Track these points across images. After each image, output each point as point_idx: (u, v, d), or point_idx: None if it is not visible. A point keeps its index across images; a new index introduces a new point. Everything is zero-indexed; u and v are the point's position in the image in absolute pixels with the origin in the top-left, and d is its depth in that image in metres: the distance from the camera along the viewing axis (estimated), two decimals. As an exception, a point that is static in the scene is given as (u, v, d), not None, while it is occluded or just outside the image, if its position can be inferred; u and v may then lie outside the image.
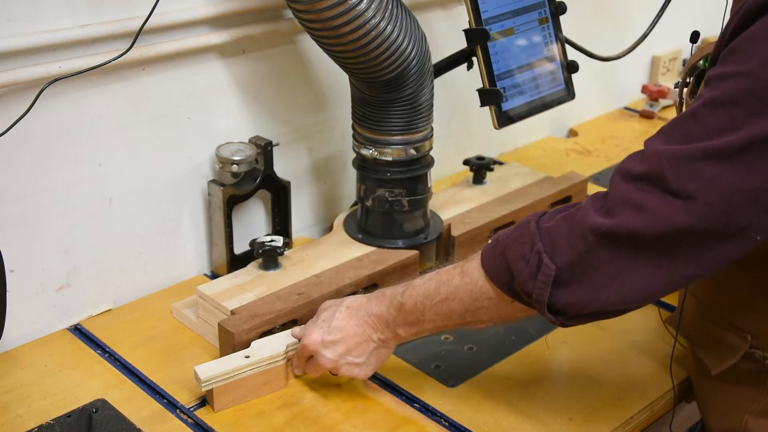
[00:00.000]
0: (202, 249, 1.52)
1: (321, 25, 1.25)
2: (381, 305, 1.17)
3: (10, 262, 1.25)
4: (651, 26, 1.58)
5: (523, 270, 1.02)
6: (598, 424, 1.20)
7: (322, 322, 1.20)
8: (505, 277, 1.05)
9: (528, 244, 1.02)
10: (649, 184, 0.95)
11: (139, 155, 1.39)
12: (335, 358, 1.18)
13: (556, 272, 0.99)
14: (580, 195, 1.70)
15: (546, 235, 1.02)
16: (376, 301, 1.18)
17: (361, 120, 1.42)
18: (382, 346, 1.18)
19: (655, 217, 0.93)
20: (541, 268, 1.00)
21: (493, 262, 1.07)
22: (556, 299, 1.01)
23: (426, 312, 1.13)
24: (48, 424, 1.16)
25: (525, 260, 1.02)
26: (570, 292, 1.00)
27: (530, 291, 1.02)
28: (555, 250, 1.00)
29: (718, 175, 0.90)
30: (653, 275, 0.96)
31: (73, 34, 1.25)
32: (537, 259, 1.01)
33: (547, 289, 1.00)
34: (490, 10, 1.44)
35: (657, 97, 2.20)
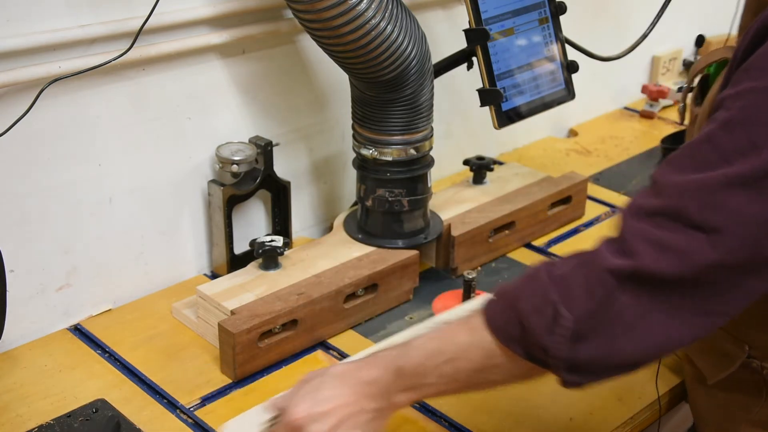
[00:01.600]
0: (202, 249, 1.52)
1: (321, 25, 1.25)
2: (375, 370, 1.00)
3: (10, 262, 1.25)
4: (651, 26, 1.58)
5: (537, 324, 0.90)
6: (598, 424, 1.19)
7: (306, 393, 1.01)
8: (516, 332, 0.93)
9: (540, 294, 0.91)
10: (668, 220, 0.87)
11: (139, 155, 1.39)
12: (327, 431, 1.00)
13: (574, 323, 0.89)
14: (580, 195, 1.70)
15: (560, 284, 0.91)
16: (367, 367, 1.02)
17: (361, 120, 1.42)
18: (377, 416, 1.01)
19: (679, 255, 0.85)
20: (557, 320, 0.89)
21: (501, 318, 0.94)
22: (576, 354, 0.90)
23: (428, 375, 0.98)
24: (48, 424, 1.16)
25: (539, 313, 0.91)
26: (591, 346, 0.90)
27: (547, 346, 0.90)
28: (572, 300, 0.90)
29: (743, 204, 0.83)
30: (676, 319, 0.88)
31: (73, 34, 1.25)
32: (552, 310, 0.90)
33: (567, 344, 0.89)
34: (490, 10, 1.44)
35: (657, 97, 2.20)
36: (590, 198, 1.76)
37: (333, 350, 1.34)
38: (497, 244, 1.58)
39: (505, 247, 1.60)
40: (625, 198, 1.80)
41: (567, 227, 1.69)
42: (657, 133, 2.09)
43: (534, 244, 1.63)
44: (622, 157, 1.99)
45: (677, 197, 0.87)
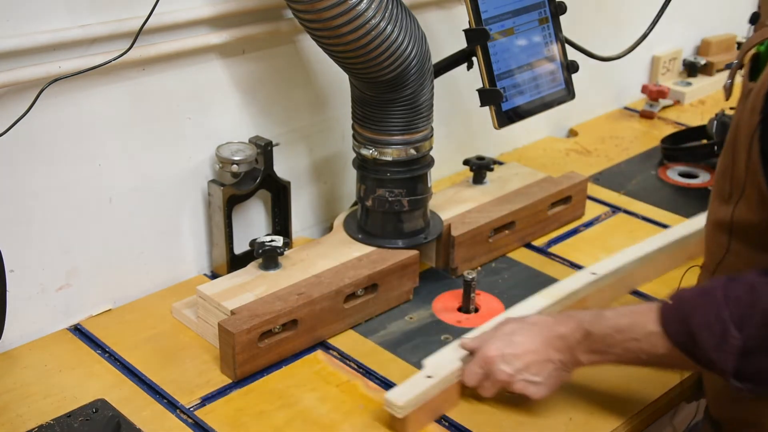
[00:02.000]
0: (202, 249, 1.52)
1: (321, 25, 1.25)
2: (567, 327, 1.14)
3: (10, 262, 1.25)
4: (651, 26, 1.58)
5: (707, 339, 1.00)
6: (598, 424, 1.19)
7: (503, 335, 1.17)
8: (688, 343, 1.03)
9: (713, 312, 1.00)
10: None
11: (140, 155, 1.39)
12: (512, 372, 1.15)
13: (742, 343, 0.97)
14: (580, 195, 1.70)
15: (734, 304, 0.99)
16: (561, 322, 1.15)
17: (361, 120, 1.42)
18: (561, 368, 1.16)
19: None
20: (727, 339, 0.98)
21: (674, 327, 1.04)
22: (744, 367, 0.98)
23: (615, 346, 1.10)
24: (48, 424, 1.16)
25: (709, 330, 0.99)
26: (760, 360, 0.98)
27: (714, 361, 1.00)
28: (743, 321, 0.98)
29: None
30: None
31: (73, 34, 1.25)
32: (722, 328, 0.98)
33: (732, 359, 0.98)
34: (490, 10, 1.44)
35: (657, 97, 2.20)
36: (590, 198, 1.76)
37: (333, 350, 1.34)
38: (497, 244, 1.58)
39: (505, 247, 1.60)
40: (625, 198, 1.80)
41: (567, 227, 1.69)
42: (657, 133, 2.09)
43: (534, 244, 1.63)
44: (622, 157, 1.99)
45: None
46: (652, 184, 1.86)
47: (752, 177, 1.04)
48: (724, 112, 1.89)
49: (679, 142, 1.99)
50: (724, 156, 1.15)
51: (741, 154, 1.07)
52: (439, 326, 1.40)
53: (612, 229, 1.68)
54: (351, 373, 1.29)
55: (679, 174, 1.90)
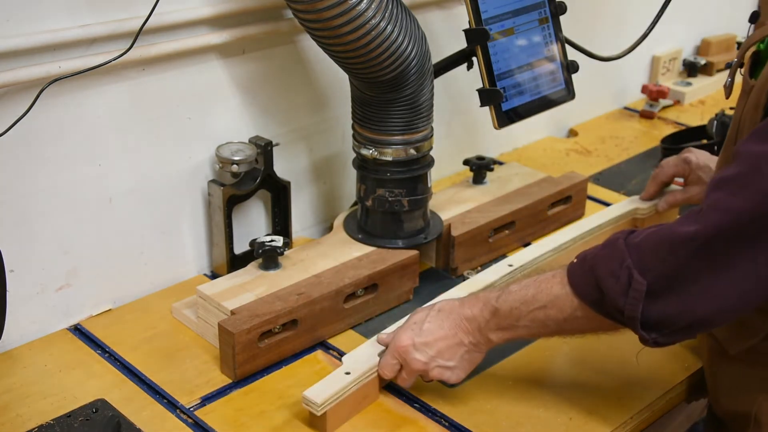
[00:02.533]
0: (202, 249, 1.52)
1: (321, 25, 1.25)
2: (474, 308, 1.16)
3: (10, 262, 1.25)
4: (651, 26, 1.58)
5: (612, 287, 1.02)
6: (598, 424, 1.19)
7: (413, 324, 1.19)
8: (595, 294, 1.05)
9: (617, 260, 1.02)
10: (739, 186, 0.95)
11: (139, 155, 1.39)
12: (426, 361, 1.17)
13: (647, 287, 0.99)
14: (580, 195, 1.70)
15: (635, 250, 1.01)
16: (468, 304, 1.17)
17: (361, 120, 1.42)
18: (473, 350, 1.17)
19: (740, 212, 0.94)
20: (632, 284, 1.00)
21: (580, 280, 1.06)
22: (650, 314, 1.01)
23: (521, 318, 1.12)
24: (48, 424, 1.16)
25: (614, 277, 1.02)
26: (664, 305, 1.00)
27: (621, 308, 1.01)
28: (645, 265, 1.00)
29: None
30: (748, 274, 0.96)
31: (73, 34, 1.25)
32: (627, 274, 1.00)
33: (639, 305, 1.00)
34: (490, 10, 1.44)
35: (657, 97, 2.20)
36: (590, 198, 1.76)
37: (333, 350, 1.34)
38: (497, 244, 1.58)
39: (505, 247, 1.60)
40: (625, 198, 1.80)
41: (567, 227, 1.69)
42: (657, 133, 2.09)
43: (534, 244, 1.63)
44: (622, 157, 1.99)
45: (754, 162, 0.93)
46: (652, 184, 1.86)
47: None
48: (724, 112, 1.89)
49: (679, 142, 1.98)
50: (724, 152, 1.15)
51: None
52: (439, 326, 1.39)
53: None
54: (351, 373, 1.29)
55: (679, 174, 1.90)
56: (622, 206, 1.62)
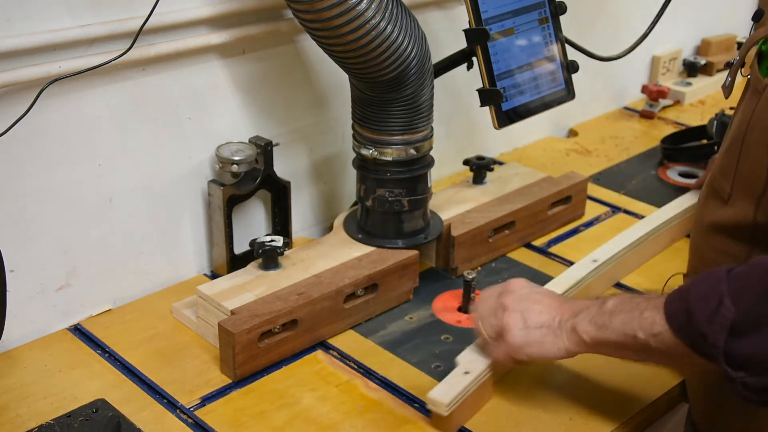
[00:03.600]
0: (202, 249, 1.52)
1: (321, 25, 1.25)
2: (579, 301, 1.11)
3: (10, 262, 1.25)
4: (651, 26, 1.58)
5: (701, 311, 0.94)
6: (598, 424, 1.20)
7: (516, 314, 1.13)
8: (683, 317, 0.97)
9: (712, 284, 0.94)
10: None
11: (139, 155, 1.39)
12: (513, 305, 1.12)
13: (735, 316, 0.91)
14: (580, 195, 1.70)
15: (734, 278, 0.94)
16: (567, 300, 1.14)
17: (361, 120, 1.42)
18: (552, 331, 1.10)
19: None
20: (720, 310, 0.92)
21: (674, 306, 0.99)
22: (735, 349, 0.92)
23: (615, 318, 1.05)
24: (48, 424, 1.16)
25: (705, 300, 0.94)
26: (752, 342, 0.91)
27: (706, 333, 0.93)
28: (739, 294, 0.92)
29: None
30: None
31: (73, 34, 1.25)
32: (718, 299, 0.92)
33: (724, 334, 0.91)
34: (490, 10, 1.44)
35: (657, 97, 2.20)
36: (590, 198, 1.76)
37: (333, 350, 1.34)
38: (497, 244, 1.58)
39: (505, 247, 1.60)
40: (625, 198, 1.80)
41: (567, 227, 1.69)
42: (657, 133, 2.09)
43: (534, 244, 1.63)
44: (622, 157, 1.99)
45: None
46: (652, 184, 1.86)
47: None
48: (724, 112, 1.89)
49: (679, 142, 1.99)
50: (725, 156, 1.13)
51: (753, 153, 1.05)
52: (439, 326, 1.40)
53: (612, 229, 1.68)
54: (351, 373, 1.29)
55: (679, 174, 1.90)
56: (690, 198, 1.66)
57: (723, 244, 1.12)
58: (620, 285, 1.51)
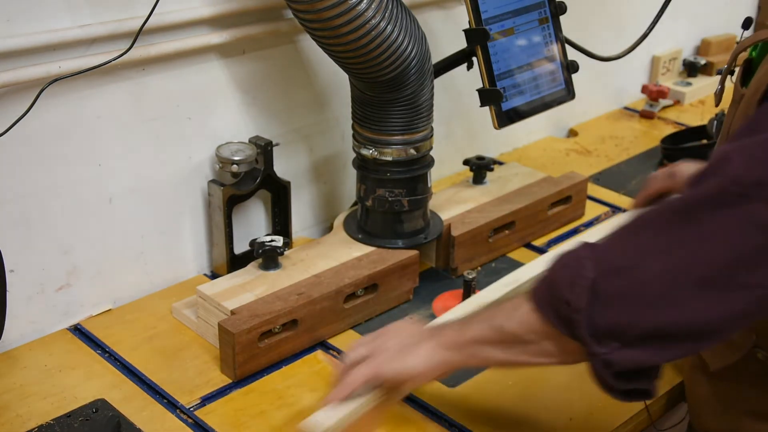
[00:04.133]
0: (202, 249, 1.52)
1: (321, 25, 1.25)
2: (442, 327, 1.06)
3: (10, 262, 1.25)
4: (651, 26, 1.58)
5: (562, 277, 0.91)
6: (598, 424, 1.20)
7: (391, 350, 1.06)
8: (546, 292, 0.94)
9: (573, 255, 0.92)
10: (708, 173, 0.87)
11: (139, 155, 1.39)
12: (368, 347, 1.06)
13: (595, 275, 0.88)
14: (580, 195, 1.71)
15: (594, 246, 0.92)
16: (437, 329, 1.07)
17: (361, 120, 1.42)
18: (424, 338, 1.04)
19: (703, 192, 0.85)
20: (580, 272, 0.89)
21: (540, 289, 0.95)
22: (598, 316, 0.88)
23: (476, 317, 1.02)
24: (48, 424, 1.16)
25: (566, 267, 0.91)
26: (618, 310, 0.87)
27: (567, 298, 0.89)
28: (601, 257, 0.90)
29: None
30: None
31: (73, 34, 1.25)
32: (578, 264, 0.90)
33: (585, 294, 0.88)
34: (490, 10, 1.44)
35: (657, 97, 2.20)
36: (590, 198, 1.76)
37: (333, 350, 1.34)
38: (497, 244, 1.58)
39: (505, 247, 1.60)
40: (625, 198, 1.80)
41: (567, 227, 1.69)
42: (657, 133, 2.09)
43: (534, 244, 1.63)
44: (622, 157, 1.99)
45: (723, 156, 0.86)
46: (652, 184, 1.86)
47: None
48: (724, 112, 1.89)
49: (679, 142, 1.99)
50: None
51: None
52: (439, 326, 1.40)
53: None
54: (351, 373, 1.29)
55: (679, 174, 1.90)
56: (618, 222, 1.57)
57: None
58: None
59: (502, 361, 1.00)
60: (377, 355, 1.05)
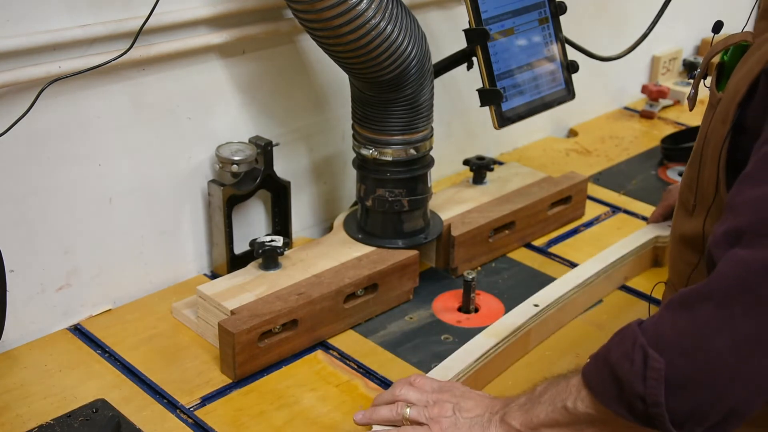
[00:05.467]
0: (202, 249, 1.52)
1: (321, 25, 1.25)
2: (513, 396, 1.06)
3: (10, 262, 1.25)
4: (651, 26, 1.58)
5: (629, 371, 0.87)
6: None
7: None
8: (613, 388, 0.90)
9: (629, 341, 0.88)
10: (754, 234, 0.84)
11: (139, 155, 1.39)
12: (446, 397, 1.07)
13: (667, 366, 0.85)
14: (580, 195, 1.71)
15: (649, 328, 0.88)
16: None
17: (361, 120, 1.42)
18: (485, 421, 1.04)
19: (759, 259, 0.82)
20: (648, 363, 0.86)
21: (597, 377, 0.92)
22: (677, 408, 0.85)
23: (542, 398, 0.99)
24: (48, 424, 1.16)
25: (629, 359, 0.87)
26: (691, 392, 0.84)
27: (643, 395, 0.86)
28: (661, 340, 0.86)
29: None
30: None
31: (73, 34, 1.25)
32: (642, 354, 0.86)
33: (661, 388, 0.85)
34: (490, 10, 1.44)
35: (657, 97, 2.20)
36: (590, 198, 1.76)
37: (333, 350, 1.34)
38: (497, 244, 1.58)
39: (505, 247, 1.60)
40: (625, 198, 1.80)
41: (567, 227, 1.69)
42: (657, 133, 2.09)
43: (534, 244, 1.63)
44: (622, 157, 1.99)
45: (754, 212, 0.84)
46: (652, 184, 1.86)
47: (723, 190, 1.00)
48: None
49: (679, 142, 1.99)
50: (689, 168, 1.12)
51: (708, 167, 1.04)
52: (439, 326, 1.40)
53: (612, 229, 1.68)
54: (351, 373, 1.29)
55: (679, 174, 1.90)
56: (643, 234, 1.55)
57: (689, 255, 1.10)
58: (625, 287, 1.51)
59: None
60: (436, 423, 1.05)
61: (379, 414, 1.10)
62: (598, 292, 1.47)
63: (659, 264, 1.56)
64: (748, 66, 0.99)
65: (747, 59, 1.01)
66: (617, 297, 1.49)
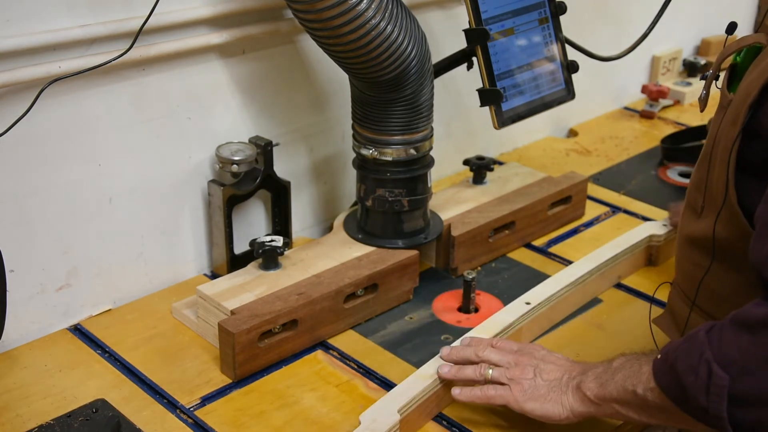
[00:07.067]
0: (202, 249, 1.52)
1: (321, 25, 1.25)
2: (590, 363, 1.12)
3: (10, 262, 1.25)
4: (651, 26, 1.58)
5: (693, 385, 0.92)
6: (598, 424, 1.19)
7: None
8: (679, 393, 0.95)
9: (697, 353, 0.92)
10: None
11: (139, 155, 1.39)
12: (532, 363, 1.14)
13: (730, 383, 0.89)
14: (580, 195, 1.71)
15: (716, 342, 0.92)
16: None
17: (361, 120, 1.42)
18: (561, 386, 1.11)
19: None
20: (712, 379, 0.90)
21: (665, 379, 0.97)
22: (740, 418, 0.90)
23: (617, 375, 1.05)
24: (48, 424, 1.16)
25: (694, 373, 0.92)
26: (754, 407, 0.89)
27: (705, 407, 0.91)
28: (726, 357, 0.90)
29: None
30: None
31: (73, 34, 1.25)
32: (707, 369, 0.91)
33: (723, 404, 0.90)
34: (490, 10, 1.44)
35: (657, 97, 2.20)
36: (590, 198, 1.76)
37: (333, 350, 1.34)
38: (497, 244, 1.58)
39: (505, 247, 1.60)
40: (625, 198, 1.80)
41: (567, 227, 1.69)
42: (657, 133, 2.09)
43: (534, 244, 1.63)
44: (622, 157, 1.99)
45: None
46: (652, 184, 1.86)
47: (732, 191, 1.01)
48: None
49: (679, 142, 1.99)
50: (698, 169, 1.12)
51: (718, 168, 1.04)
52: (439, 326, 1.40)
53: (612, 229, 1.68)
54: (351, 373, 1.29)
55: (679, 174, 1.90)
56: (637, 233, 1.56)
57: (696, 257, 1.11)
58: (624, 287, 1.51)
59: (638, 422, 1.06)
60: (517, 384, 1.12)
61: (463, 373, 1.18)
62: (591, 290, 1.47)
63: (653, 263, 1.56)
64: (761, 68, 0.99)
65: (760, 61, 1.01)
66: (617, 296, 1.49)
